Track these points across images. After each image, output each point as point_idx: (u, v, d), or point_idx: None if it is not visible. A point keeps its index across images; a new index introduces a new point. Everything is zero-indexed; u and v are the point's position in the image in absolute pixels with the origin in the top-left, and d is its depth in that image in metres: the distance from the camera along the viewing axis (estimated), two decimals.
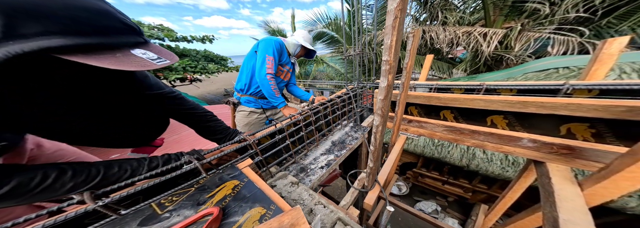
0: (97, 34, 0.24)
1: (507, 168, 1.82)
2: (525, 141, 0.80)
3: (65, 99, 0.35)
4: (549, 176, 0.69)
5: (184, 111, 0.65)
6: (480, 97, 0.85)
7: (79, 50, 0.22)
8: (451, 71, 4.52)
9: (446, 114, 1.03)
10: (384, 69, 0.42)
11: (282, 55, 1.28)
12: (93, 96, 0.39)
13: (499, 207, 1.21)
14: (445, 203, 2.64)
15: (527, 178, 1.00)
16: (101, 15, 0.25)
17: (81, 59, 0.22)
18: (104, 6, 0.25)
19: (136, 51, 0.27)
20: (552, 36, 3.02)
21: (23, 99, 0.29)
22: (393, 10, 0.34)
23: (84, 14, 0.23)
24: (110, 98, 0.43)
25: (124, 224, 0.37)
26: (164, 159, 0.48)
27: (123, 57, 0.25)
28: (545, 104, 0.71)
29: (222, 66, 8.85)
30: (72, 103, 0.37)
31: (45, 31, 0.20)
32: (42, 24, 0.20)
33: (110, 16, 0.26)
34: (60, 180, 0.33)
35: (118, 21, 0.26)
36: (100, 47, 0.24)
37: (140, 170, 0.43)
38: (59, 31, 0.21)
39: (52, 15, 0.21)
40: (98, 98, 0.41)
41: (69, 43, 0.21)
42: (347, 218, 0.51)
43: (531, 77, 2.13)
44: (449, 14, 4.08)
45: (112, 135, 0.47)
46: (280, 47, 1.25)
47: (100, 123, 0.43)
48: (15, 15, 0.19)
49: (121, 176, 0.41)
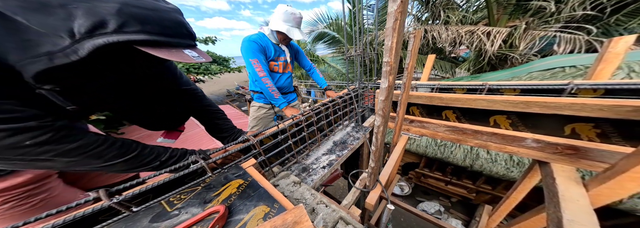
0: (168, 36, 0.35)
1: (512, 168, 1.80)
2: (529, 141, 0.79)
3: (114, 91, 0.50)
4: (553, 177, 0.68)
5: (201, 107, 0.74)
6: (483, 97, 0.85)
7: (150, 44, 0.33)
8: (454, 70, 4.46)
9: (448, 114, 1.03)
10: (385, 70, 0.42)
11: (267, 50, 1.19)
12: (136, 90, 0.54)
13: (504, 208, 1.19)
14: (449, 204, 2.61)
15: (531, 178, 0.99)
16: (176, 25, 0.37)
17: (148, 50, 0.32)
18: (180, 18, 0.38)
19: (186, 50, 0.38)
20: (558, 34, 2.95)
21: (90, 85, 0.42)
22: (393, 12, 0.35)
23: (167, 23, 0.35)
24: (149, 90, 0.57)
25: (136, 221, 0.39)
26: (182, 151, 0.55)
27: (175, 52, 0.36)
28: (549, 104, 0.70)
29: (224, 66, 8.94)
30: (119, 94, 0.51)
31: (139, 30, 0.31)
32: (140, 26, 0.31)
33: (182, 26, 0.38)
34: (111, 147, 0.42)
35: (185, 29, 0.38)
36: (164, 45, 0.35)
37: (163, 155, 0.50)
38: (145, 31, 0.32)
39: (149, 21, 0.32)
40: (140, 91, 0.55)
41: (147, 38, 0.32)
42: (349, 217, 0.52)
43: (536, 76, 2.09)
44: (451, 13, 4.03)
45: (148, 120, 0.63)
46: (259, 44, 1.15)
47: (139, 111, 0.59)
48: (128, 19, 0.30)
49: (149, 156, 0.48)
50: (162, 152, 0.50)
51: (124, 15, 0.29)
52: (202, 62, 0.39)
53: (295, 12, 1.14)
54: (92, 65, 0.36)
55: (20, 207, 0.49)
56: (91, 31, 0.28)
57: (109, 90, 0.48)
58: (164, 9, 0.35)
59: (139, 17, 0.31)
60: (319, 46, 6.53)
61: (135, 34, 0.30)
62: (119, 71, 0.43)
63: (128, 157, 0.43)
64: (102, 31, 0.29)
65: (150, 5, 0.33)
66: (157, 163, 0.48)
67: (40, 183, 0.53)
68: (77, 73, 0.36)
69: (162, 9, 0.34)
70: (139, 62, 0.43)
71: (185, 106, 0.71)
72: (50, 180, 0.55)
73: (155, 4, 0.34)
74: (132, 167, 0.45)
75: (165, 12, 0.35)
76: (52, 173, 0.56)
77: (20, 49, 0.29)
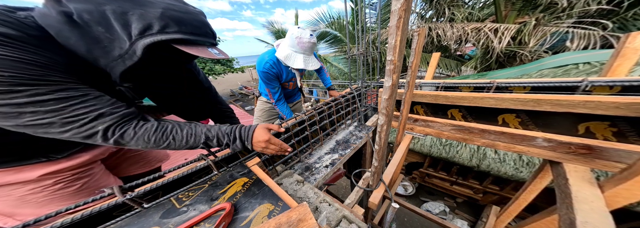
0: (197, 35, 0.40)
1: (521, 168, 1.74)
2: (540, 140, 0.76)
3: (165, 86, 0.58)
4: (565, 177, 0.66)
5: (214, 104, 0.80)
6: (491, 95, 0.82)
7: (184, 42, 0.38)
8: (460, 68, 4.35)
9: (454, 113, 1.01)
10: (389, 68, 0.42)
11: (281, 75, 1.19)
12: (178, 85, 0.61)
13: (512, 209, 1.16)
14: (454, 204, 2.56)
15: (542, 179, 0.95)
16: (204, 26, 0.42)
17: (182, 47, 0.38)
18: (205, 20, 0.43)
19: (209, 48, 0.43)
20: (571, 30, 2.82)
21: (151, 82, 0.51)
22: (397, 10, 0.34)
23: (196, 23, 0.40)
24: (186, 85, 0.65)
25: (148, 217, 0.40)
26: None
27: (201, 49, 0.41)
28: (562, 102, 0.68)
29: (228, 67, 9.04)
30: (168, 89, 0.60)
31: (176, 31, 0.36)
32: (177, 27, 0.36)
33: (207, 26, 0.43)
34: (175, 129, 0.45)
35: (209, 30, 0.44)
36: (193, 43, 0.40)
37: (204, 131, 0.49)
38: (181, 31, 0.37)
39: (183, 23, 0.37)
40: (181, 86, 0.63)
41: (183, 37, 0.37)
42: (352, 216, 0.52)
43: (547, 74, 2.01)
44: (456, 10, 3.93)
45: (184, 111, 0.70)
46: (273, 73, 1.14)
47: (179, 103, 0.66)
48: (169, 22, 0.35)
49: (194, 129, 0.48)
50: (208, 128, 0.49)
51: (166, 18, 0.35)
52: (222, 58, 0.45)
53: (303, 36, 0.99)
54: (149, 64, 0.43)
55: (67, 188, 0.52)
56: (142, 33, 0.34)
57: (162, 86, 0.57)
58: (193, 12, 0.40)
59: (176, 19, 0.36)
60: (321, 45, 6.51)
61: (174, 33, 0.36)
62: (168, 68, 0.51)
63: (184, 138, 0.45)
64: (150, 32, 0.34)
65: (184, 9, 0.39)
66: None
67: (88, 167, 0.57)
68: (140, 72, 0.44)
69: (192, 12, 0.40)
70: (182, 60, 0.50)
71: (207, 102, 0.77)
72: (95, 165, 0.59)
73: (186, 7, 0.40)
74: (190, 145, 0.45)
75: (194, 15, 0.40)
76: (98, 159, 0.60)
77: (104, 55, 0.36)
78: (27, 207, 0.49)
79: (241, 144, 0.48)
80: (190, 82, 0.67)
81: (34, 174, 0.46)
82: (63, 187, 0.51)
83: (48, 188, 0.49)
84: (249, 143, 0.48)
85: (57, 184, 0.50)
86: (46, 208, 0.50)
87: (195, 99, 0.71)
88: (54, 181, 0.50)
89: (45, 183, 0.49)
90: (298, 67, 1.04)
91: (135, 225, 0.38)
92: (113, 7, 0.32)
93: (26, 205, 0.48)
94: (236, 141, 0.47)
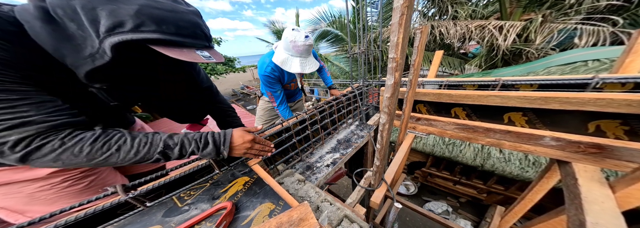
0: (182, 36, 0.36)
1: (527, 168, 1.70)
2: (548, 139, 0.74)
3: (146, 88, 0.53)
4: (575, 177, 0.64)
5: (215, 104, 0.79)
6: (496, 93, 0.80)
7: (164, 43, 0.34)
8: (463, 66, 4.28)
9: (458, 111, 0.99)
10: (391, 66, 0.41)
11: (282, 77, 1.20)
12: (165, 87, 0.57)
13: (518, 209, 1.14)
14: (457, 204, 2.53)
15: (549, 179, 0.93)
16: (193, 26, 0.37)
17: (160, 48, 0.34)
18: (196, 20, 0.38)
19: (198, 51, 0.38)
20: (580, 26, 2.73)
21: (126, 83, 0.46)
22: (399, 7, 0.33)
23: (182, 23, 0.35)
24: (176, 87, 0.61)
25: (150, 215, 0.41)
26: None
27: (186, 52, 0.36)
28: (571, 100, 0.65)
29: (229, 67, 9.09)
30: (150, 91, 0.55)
31: (154, 30, 0.32)
32: (155, 26, 0.32)
33: (197, 27, 0.38)
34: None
35: (200, 31, 0.39)
36: (177, 44, 0.36)
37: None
38: (161, 31, 0.33)
39: (165, 22, 0.33)
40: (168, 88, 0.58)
41: (161, 38, 0.33)
42: (353, 215, 0.51)
43: (555, 71, 1.96)
44: (459, 8, 3.86)
45: (176, 114, 0.70)
46: (274, 76, 1.14)
47: (168, 106, 0.64)
48: (145, 20, 0.31)
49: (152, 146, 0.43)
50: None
51: (142, 15, 0.31)
52: (213, 62, 0.39)
53: (298, 40, 0.95)
54: (122, 65, 0.39)
55: (74, 186, 0.53)
56: (110, 30, 0.30)
57: (142, 88, 0.52)
58: (182, 11, 0.36)
59: (156, 18, 0.32)
60: (322, 44, 6.49)
61: (150, 33, 0.32)
62: (145, 70, 0.46)
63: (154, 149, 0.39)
64: (120, 30, 0.30)
65: (169, 7, 0.34)
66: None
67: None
68: (113, 72, 0.40)
69: (180, 11, 0.36)
70: (160, 62, 0.46)
71: (205, 102, 0.75)
72: None
73: (174, 5, 0.35)
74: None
75: (183, 14, 0.36)
76: None
77: (73, 53, 0.33)
78: (36, 204, 0.49)
79: (214, 150, 0.41)
80: (188, 84, 0.64)
81: (43, 172, 0.47)
82: (71, 185, 0.52)
83: (56, 185, 0.50)
84: (225, 148, 0.42)
85: (65, 182, 0.51)
86: (55, 206, 0.51)
87: (193, 101, 0.69)
88: (62, 179, 0.50)
89: (54, 181, 0.49)
90: (295, 71, 1.02)
91: (138, 223, 0.39)
92: (83, 2, 0.29)
93: (36, 202, 0.49)
94: (207, 147, 0.41)
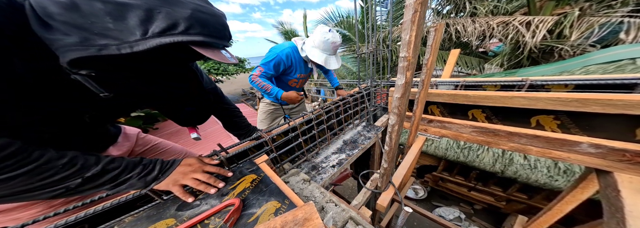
0: (216, 38, 0.39)
1: (557, 176, 1.54)
2: (585, 146, 0.66)
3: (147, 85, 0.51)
4: (617, 189, 0.56)
5: (220, 106, 0.81)
6: (522, 94, 0.73)
7: (203, 45, 0.37)
8: (482, 66, 3.96)
9: (476, 113, 0.92)
10: (402, 65, 0.39)
11: (292, 68, 1.18)
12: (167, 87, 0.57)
13: (543, 220, 1.03)
14: (471, 211, 2.38)
15: (585, 189, 0.83)
16: (224, 28, 0.41)
17: (200, 49, 0.36)
18: (226, 22, 0.42)
19: (222, 51, 0.42)
20: (627, 19, 2.37)
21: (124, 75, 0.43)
22: (412, 3, 0.32)
23: (219, 26, 0.39)
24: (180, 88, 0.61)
25: (165, 208, 0.44)
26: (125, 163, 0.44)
27: (217, 53, 0.40)
28: (616, 103, 0.58)
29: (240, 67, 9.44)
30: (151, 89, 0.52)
31: (199, 33, 0.35)
32: (200, 28, 0.35)
33: (227, 29, 0.42)
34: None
35: (228, 32, 0.42)
36: (210, 45, 0.39)
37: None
38: (204, 33, 0.36)
39: (208, 25, 0.36)
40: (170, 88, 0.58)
41: (203, 40, 0.36)
42: (359, 217, 0.50)
43: (595, 70, 1.72)
44: (479, 4, 3.57)
45: (178, 116, 0.70)
46: (284, 62, 1.13)
47: (170, 107, 0.65)
48: (194, 23, 0.34)
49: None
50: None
51: (193, 19, 0.34)
52: (234, 63, 0.44)
53: (336, 40, 1.09)
54: (138, 60, 0.38)
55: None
56: (163, 31, 0.32)
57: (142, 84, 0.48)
58: (218, 14, 0.39)
59: (202, 21, 0.35)
60: None
61: (196, 35, 0.35)
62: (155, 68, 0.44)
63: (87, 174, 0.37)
64: (172, 31, 0.33)
65: (211, 11, 0.38)
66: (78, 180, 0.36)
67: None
68: (118, 65, 0.37)
69: (217, 14, 0.39)
70: (177, 61, 0.47)
71: (209, 104, 0.76)
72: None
73: (212, 9, 0.39)
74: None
75: (218, 17, 0.39)
76: (126, 155, 0.64)
77: (79, 39, 0.30)
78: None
79: (153, 176, 0.41)
80: (197, 84, 0.64)
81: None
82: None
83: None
84: (164, 175, 0.43)
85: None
86: (77, 200, 0.56)
87: (196, 103, 0.70)
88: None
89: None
90: (333, 68, 1.13)
91: (154, 215, 0.42)
92: (140, 2, 0.30)
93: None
94: (152, 173, 0.41)
